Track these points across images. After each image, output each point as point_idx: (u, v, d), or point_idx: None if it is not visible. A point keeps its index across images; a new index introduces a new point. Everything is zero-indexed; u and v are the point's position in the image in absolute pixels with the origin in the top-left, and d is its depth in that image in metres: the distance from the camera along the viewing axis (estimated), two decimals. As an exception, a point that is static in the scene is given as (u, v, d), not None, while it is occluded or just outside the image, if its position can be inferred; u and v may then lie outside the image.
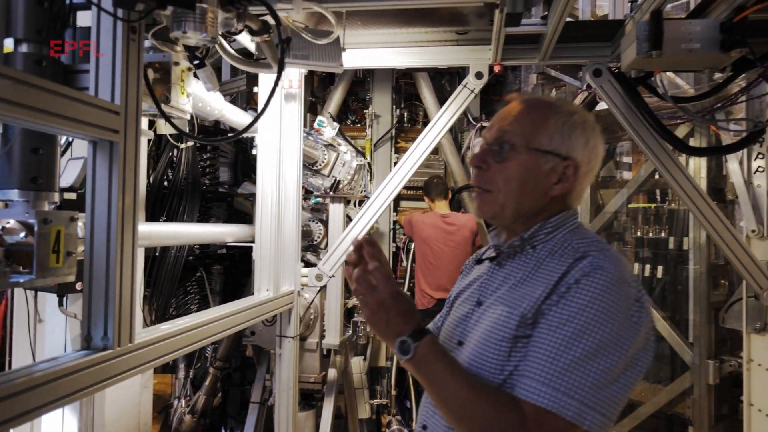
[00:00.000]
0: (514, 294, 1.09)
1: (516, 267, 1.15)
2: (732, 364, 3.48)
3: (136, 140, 1.51)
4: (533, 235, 1.14)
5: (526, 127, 1.13)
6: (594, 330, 0.97)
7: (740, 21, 2.00)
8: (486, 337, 1.08)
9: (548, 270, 1.07)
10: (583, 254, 1.05)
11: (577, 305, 0.99)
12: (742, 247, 2.65)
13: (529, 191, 1.13)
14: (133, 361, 1.52)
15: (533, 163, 1.12)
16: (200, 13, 1.37)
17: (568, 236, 1.12)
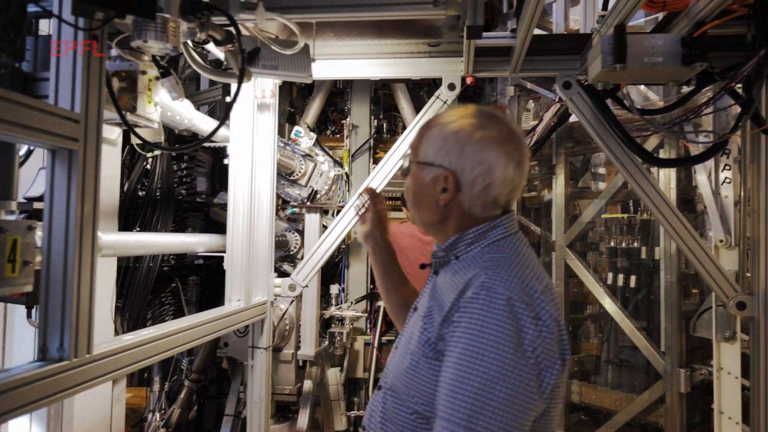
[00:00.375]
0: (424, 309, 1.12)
1: (443, 277, 1.17)
2: (703, 373, 3.52)
3: (97, 149, 1.50)
4: (452, 247, 1.15)
5: (415, 142, 1.19)
6: (482, 361, 0.93)
7: (700, 36, 2.05)
8: (405, 346, 1.12)
9: (455, 284, 1.06)
10: (477, 274, 1.03)
11: (464, 336, 0.96)
12: (709, 257, 2.69)
13: (422, 202, 1.19)
14: (90, 373, 1.49)
15: (419, 176, 1.17)
16: (161, 22, 1.38)
17: (485, 250, 1.11)
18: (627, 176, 2.68)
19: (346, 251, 4.49)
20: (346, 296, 4.40)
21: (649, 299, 3.85)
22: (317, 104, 4.48)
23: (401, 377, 1.09)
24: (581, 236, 4.24)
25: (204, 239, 2.91)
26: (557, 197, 4.20)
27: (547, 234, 4.35)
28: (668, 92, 3.47)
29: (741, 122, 2.52)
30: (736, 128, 2.59)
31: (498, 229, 1.13)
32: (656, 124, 2.67)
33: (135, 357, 1.69)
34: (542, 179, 4.59)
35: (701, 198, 3.36)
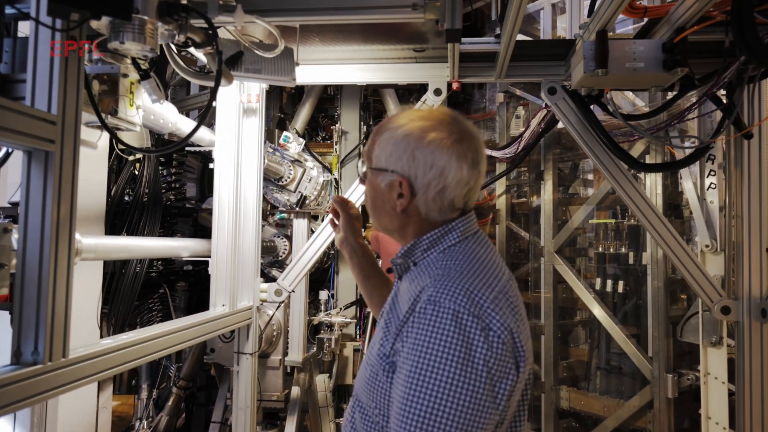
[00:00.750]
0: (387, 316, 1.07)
1: (402, 284, 1.14)
2: (690, 378, 3.52)
3: (75, 151, 1.49)
4: (409, 253, 1.12)
5: (368, 148, 1.17)
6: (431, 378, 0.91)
7: (680, 41, 2.07)
8: (367, 357, 1.11)
9: (411, 294, 1.04)
10: (426, 286, 1.00)
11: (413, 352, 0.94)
12: (694, 262, 2.70)
13: (380, 208, 1.16)
14: (66, 377, 1.48)
15: (375, 182, 1.14)
16: (138, 24, 1.37)
17: (439, 257, 1.09)
18: (612, 182, 2.69)
19: (336, 257, 4.48)
20: (335, 302, 4.39)
21: (637, 305, 3.85)
22: (307, 110, 4.48)
23: (364, 389, 1.07)
24: (570, 242, 4.25)
25: (189, 244, 2.90)
26: (546, 203, 4.22)
27: (536, 240, 4.36)
28: (654, 98, 3.50)
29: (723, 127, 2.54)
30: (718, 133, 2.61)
31: (453, 233, 1.10)
32: (641, 130, 2.68)
33: (114, 361, 1.67)
34: (531, 185, 4.60)
35: (687, 203, 3.38)
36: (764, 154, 2.61)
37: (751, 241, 2.67)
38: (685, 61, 2.08)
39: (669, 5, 2.21)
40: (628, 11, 2.14)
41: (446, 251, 1.09)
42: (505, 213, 4.67)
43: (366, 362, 1.10)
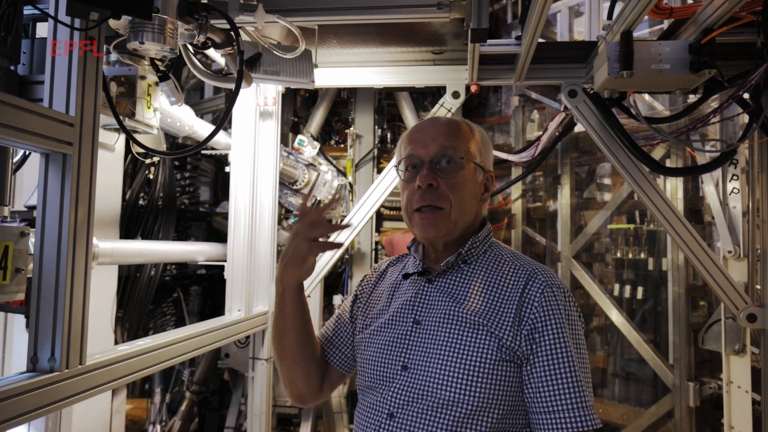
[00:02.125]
0: (472, 315, 1.09)
1: (452, 283, 1.15)
2: (712, 386, 3.44)
3: (93, 153, 1.47)
4: (469, 251, 1.17)
5: (462, 142, 1.17)
6: (581, 346, 1.09)
7: (708, 42, 2.02)
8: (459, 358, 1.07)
9: (501, 289, 1.11)
10: (530, 273, 1.12)
11: (563, 329, 1.07)
12: (718, 268, 2.64)
13: (471, 203, 1.18)
14: (83, 384, 1.45)
15: (472, 176, 1.17)
16: (159, 23, 1.35)
17: (498, 249, 1.19)
18: (634, 185, 2.64)
19: (350, 261, 4.45)
20: (348, 307, 4.35)
21: (657, 311, 3.78)
22: (321, 114, 4.46)
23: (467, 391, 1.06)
24: (587, 247, 4.18)
25: (204, 248, 2.88)
26: (563, 207, 4.16)
27: (553, 245, 4.30)
28: (674, 101, 3.44)
29: (750, 131, 2.48)
30: (744, 137, 2.54)
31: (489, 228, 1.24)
32: (663, 133, 2.63)
33: (131, 368, 1.65)
34: (547, 189, 4.55)
35: (708, 209, 3.31)
36: (792, 158, 2.55)
37: (777, 247, 2.60)
38: (713, 62, 2.03)
39: (695, 6, 2.16)
40: (654, 12, 2.09)
41: (495, 245, 1.21)
42: (520, 217, 4.61)
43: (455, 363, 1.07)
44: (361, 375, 1.24)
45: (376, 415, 1.13)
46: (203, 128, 2.52)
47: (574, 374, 1.05)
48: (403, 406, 1.10)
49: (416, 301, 1.18)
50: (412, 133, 1.23)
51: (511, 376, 1.07)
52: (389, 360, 1.16)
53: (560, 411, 1.03)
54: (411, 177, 1.19)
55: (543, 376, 1.05)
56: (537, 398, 1.05)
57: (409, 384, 1.10)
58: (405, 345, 1.15)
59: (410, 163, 1.20)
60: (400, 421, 1.08)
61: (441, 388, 1.07)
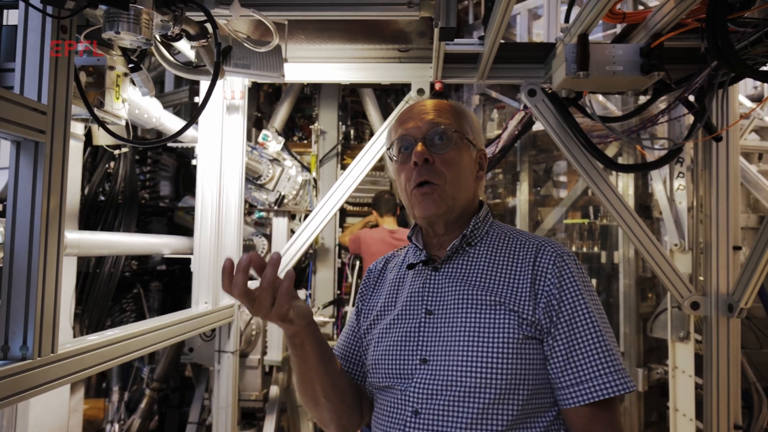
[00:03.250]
0: (488, 295, 1.06)
1: (461, 268, 1.12)
2: (659, 372, 3.65)
3: (65, 142, 1.47)
4: (473, 233, 1.16)
5: (454, 119, 1.16)
6: (601, 311, 1.08)
7: (657, 47, 2.16)
8: (480, 342, 1.02)
9: (511, 264, 1.11)
10: (537, 246, 1.12)
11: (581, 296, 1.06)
12: (666, 260, 2.80)
13: (467, 180, 1.16)
14: (55, 372, 1.45)
15: (467, 152, 1.16)
16: (134, 13, 1.36)
17: (498, 227, 1.20)
18: (589, 181, 2.77)
19: (314, 256, 4.48)
20: (313, 302, 4.38)
21: (609, 302, 3.97)
22: (285, 109, 4.47)
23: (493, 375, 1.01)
24: (544, 242, 4.34)
25: (170, 241, 2.85)
26: (522, 204, 4.30)
27: (512, 239, 4.44)
28: (626, 102, 3.62)
29: (694, 130, 2.65)
30: (689, 136, 2.72)
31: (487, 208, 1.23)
32: (616, 132, 2.78)
33: (100, 357, 1.65)
34: (507, 186, 4.69)
35: (657, 204, 3.50)
36: (732, 156, 2.74)
37: (719, 240, 2.79)
38: (661, 65, 2.17)
39: (646, 11, 2.30)
40: (608, 16, 2.22)
41: (495, 223, 1.21)
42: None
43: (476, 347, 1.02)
44: (374, 375, 1.16)
45: (400, 414, 1.06)
46: (170, 120, 2.50)
47: (601, 338, 1.02)
48: (427, 401, 1.03)
49: (425, 291, 1.13)
50: (402, 116, 1.19)
51: (536, 352, 1.03)
52: (406, 355, 1.09)
53: (592, 379, 1.00)
54: (405, 158, 1.15)
55: (568, 346, 1.02)
56: (565, 370, 1.01)
57: (430, 377, 1.04)
58: (420, 337, 1.09)
59: (403, 144, 1.16)
60: (426, 417, 1.03)
61: (466, 376, 1.01)
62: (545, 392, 1.04)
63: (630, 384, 1.01)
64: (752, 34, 2.07)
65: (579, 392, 1.00)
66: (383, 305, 1.22)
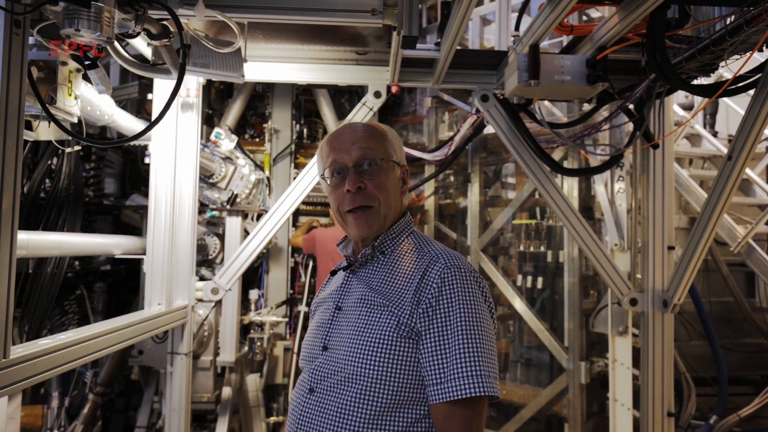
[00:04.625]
0: (378, 297, 1.20)
1: (370, 273, 1.27)
2: (600, 365, 3.85)
3: (17, 140, 1.42)
4: (381, 243, 1.28)
5: (380, 144, 1.28)
6: (479, 318, 1.15)
7: (602, 59, 2.29)
8: (362, 336, 1.17)
9: (406, 273, 1.22)
10: (431, 258, 1.21)
11: (457, 305, 1.14)
12: (607, 258, 2.97)
13: (396, 198, 1.30)
14: (7, 378, 1.40)
15: (392, 173, 1.29)
16: (96, 11, 1.33)
17: (413, 239, 1.30)
18: (537, 183, 2.90)
19: (267, 256, 4.44)
20: (265, 301, 4.35)
21: (554, 299, 4.15)
22: (237, 107, 4.41)
23: (364, 362, 1.14)
24: (493, 241, 4.49)
25: (122, 241, 2.77)
26: (472, 204, 4.43)
27: (463, 239, 4.57)
28: (571, 109, 3.80)
29: (634, 138, 2.83)
30: (629, 143, 2.90)
31: (411, 220, 1.35)
32: (563, 137, 2.92)
33: (53, 362, 1.60)
34: (458, 187, 4.81)
35: (599, 206, 3.69)
36: (667, 162, 2.93)
37: (655, 240, 2.99)
38: (605, 76, 2.30)
39: (592, 25, 2.44)
40: (558, 28, 2.33)
41: (413, 234, 1.31)
42: (433, 213, 4.84)
43: (356, 342, 1.17)
44: (299, 358, 1.39)
45: (302, 390, 1.25)
46: (123, 118, 2.43)
47: (464, 345, 1.11)
48: (320, 382, 1.20)
49: (341, 291, 1.30)
50: (332, 141, 1.30)
51: (409, 351, 1.14)
52: (314, 342, 1.28)
53: (452, 379, 1.09)
54: (338, 182, 1.27)
55: (436, 348, 1.13)
56: (430, 370, 1.12)
57: (326, 362, 1.22)
58: (327, 328, 1.26)
59: (335, 169, 1.27)
60: (318, 396, 1.20)
61: (347, 363, 1.17)
62: (416, 388, 1.15)
63: (489, 388, 1.09)
64: (686, 51, 2.24)
65: (439, 390, 1.11)
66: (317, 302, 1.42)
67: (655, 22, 2.12)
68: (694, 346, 4.12)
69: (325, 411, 1.17)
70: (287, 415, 1.29)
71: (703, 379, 3.96)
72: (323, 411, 1.17)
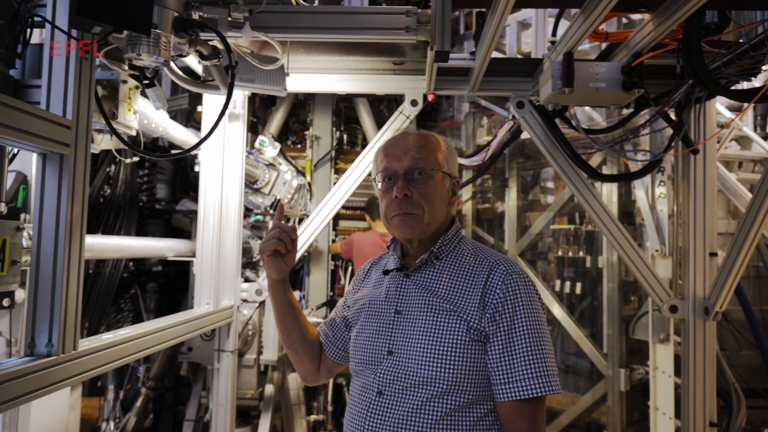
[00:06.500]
0: (445, 303, 1.27)
1: (428, 277, 1.34)
2: (640, 372, 3.80)
3: (86, 154, 1.57)
4: (440, 249, 1.35)
5: (431, 154, 1.35)
6: (540, 321, 1.24)
7: (638, 65, 2.30)
8: (434, 341, 1.24)
9: (468, 279, 1.29)
10: (492, 264, 1.29)
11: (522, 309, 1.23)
12: (646, 265, 2.95)
13: (441, 207, 1.36)
14: (76, 369, 1.55)
15: (440, 183, 1.36)
16: (154, 37, 1.47)
17: (467, 244, 1.38)
18: (574, 190, 2.91)
19: (308, 259, 4.58)
20: (306, 303, 4.49)
21: (593, 305, 4.12)
22: (280, 115, 4.57)
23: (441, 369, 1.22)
24: (531, 246, 4.49)
25: (174, 244, 2.95)
26: (510, 209, 4.45)
27: (500, 243, 4.58)
28: (610, 113, 3.77)
29: (673, 143, 2.81)
30: (668, 148, 2.87)
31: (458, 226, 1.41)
32: (600, 143, 2.92)
33: (115, 355, 1.75)
34: (496, 192, 4.83)
35: (639, 211, 3.65)
36: (709, 167, 2.89)
37: (696, 246, 2.94)
38: (641, 82, 2.31)
39: (627, 32, 2.45)
40: (592, 36, 2.36)
41: (464, 240, 1.39)
42: (471, 218, 4.88)
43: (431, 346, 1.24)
44: (353, 360, 1.41)
45: (368, 393, 1.30)
46: (175, 130, 2.60)
47: (531, 345, 1.20)
48: (389, 385, 1.26)
49: (397, 294, 1.35)
50: (387, 148, 1.39)
51: (480, 353, 1.23)
52: (376, 346, 1.32)
53: (520, 380, 1.18)
54: (388, 187, 1.35)
55: (503, 350, 1.21)
56: (498, 370, 1.20)
57: (394, 366, 1.27)
58: (389, 332, 1.31)
59: (386, 175, 1.36)
60: (387, 398, 1.26)
61: (420, 367, 1.23)
62: (485, 387, 1.24)
63: (554, 387, 1.19)
64: (725, 55, 2.23)
65: (508, 389, 1.20)
66: (365, 302, 1.44)
67: (692, 28, 2.12)
68: (745, 356, 4.00)
69: (396, 412, 1.23)
70: (345, 417, 1.37)
71: (754, 390, 3.85)
72: (395, 412, 1.24)
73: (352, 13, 1.91)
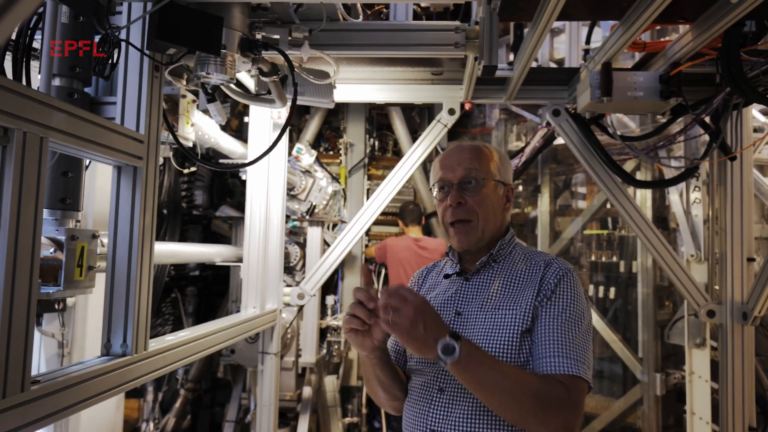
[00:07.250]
0: (503, 301, 1.34)
1: (486, 280, 1.40)
2: (676, 377, 3.80)
3: (156, 166, 1.68)
4: (498, 252, 1.42)
5: (484, 164, 1.42)
6: (581, 314, 1.30)
7: (676, 74, 2.34)
8: (492, 339, 1.29)
9: (524, 278, 1.36)
10: (546, 262, 1.37)
11: (567, 300, 1.30)
12: (682, 269, 2.96)
13: (495, 215, 1.42)
14: (147, 367, 1.66)
15: (494, 191, 1.42)
16: (222, 57, 1.57)
17: (521, 249, 1.45)
18: (609, 195, 2.94)
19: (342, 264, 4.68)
20: (341, 306, 4.58)
21: (627, 310, 4.12)
22: (316, 123, 4.68)
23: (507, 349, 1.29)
24: (564, 251, 4.51)
25: (221, 250, 3.07)
26: (542, 214, 4.48)
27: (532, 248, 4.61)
28: (644, 120, 3.79)
29: (710, 150, 2.82)
30: (705, 155, 2.89)
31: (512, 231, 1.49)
32: (636, 150, 2.95)
33: (179, 355, 1.86)
34: (528, 197, 4.87)
35: (674, 216, 3.66)
36: (746, 173, 2.89)
37: (733, 251, 2.95)
38: (679, 91, 2.34)
39: (665, 42, 2.48)
40: (630, 46, 2.40)
41: (519, 244, 1.47)
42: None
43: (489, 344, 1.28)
44: (412, 360, 1.46)
45: (429, 390, 1.34)
46: (225, 140, 2.72)
47: (565, 333, 1.26)
48: (450, 382, 1.31)
49: (457, 297, 1.41)
50: (442, 159, 1.46)
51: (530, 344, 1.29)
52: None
53: (549, 356, 1.23)
54: (443, 196, 1.43)
55: (541, 331, 1.27)
56: (536, 347, 1.26)
57: None
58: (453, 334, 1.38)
59: (442, 185, 1.44)
60: (448, 395, 1.30)
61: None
62: None
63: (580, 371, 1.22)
64: (764, 64, 2.25)
65: (541, 364, 1.24)
66: None
67: (730, 39, 2.15)
68: (781, 362, 3.96)
69: (458, 407, 1.28)
70: (404, 414, 1.41)
71: (789, 396, 3.81)
72: (457, 407, 1.28)
73: (404, 30, 1.99)
